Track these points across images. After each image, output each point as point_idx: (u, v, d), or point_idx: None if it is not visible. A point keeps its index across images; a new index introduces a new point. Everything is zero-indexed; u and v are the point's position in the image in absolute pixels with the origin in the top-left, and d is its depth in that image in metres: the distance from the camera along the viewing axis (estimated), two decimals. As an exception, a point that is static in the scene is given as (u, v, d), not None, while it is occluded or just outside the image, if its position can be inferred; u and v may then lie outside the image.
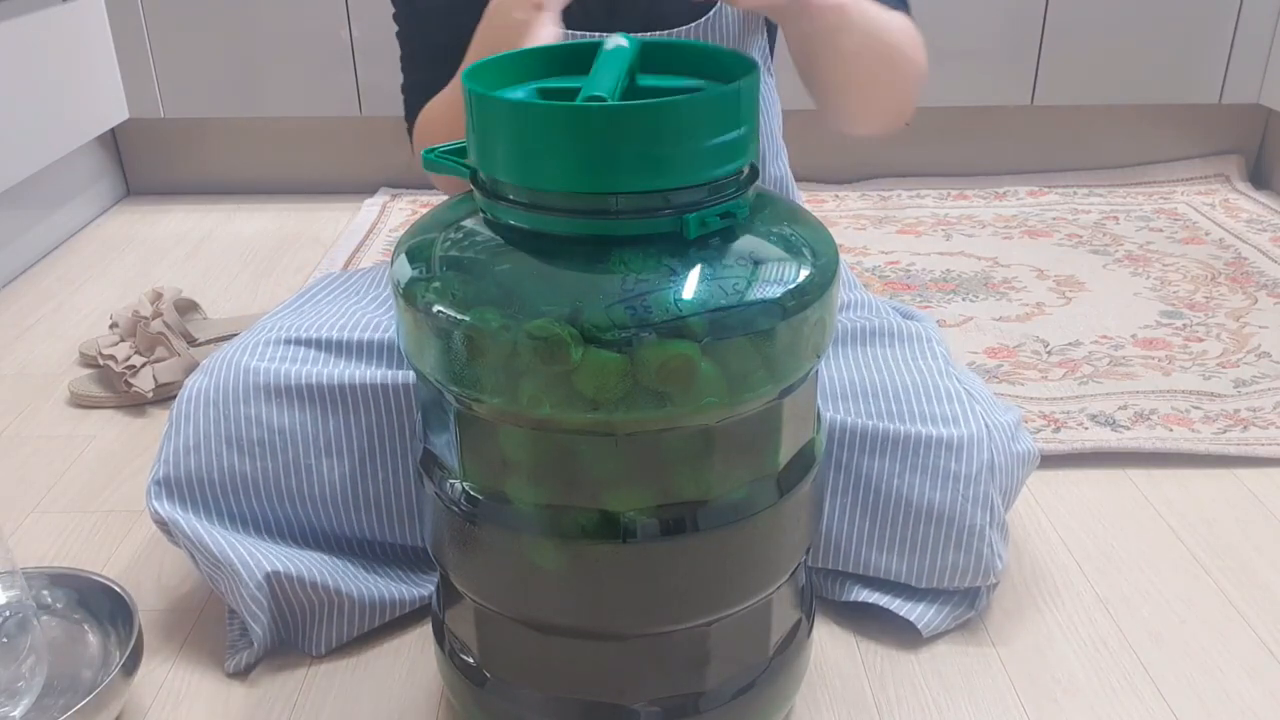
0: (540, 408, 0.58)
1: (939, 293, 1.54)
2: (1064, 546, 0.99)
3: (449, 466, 0.67)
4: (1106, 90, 1.92)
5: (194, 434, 0.83)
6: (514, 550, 0.65)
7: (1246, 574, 0.96)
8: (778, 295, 0.59)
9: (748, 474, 0.64)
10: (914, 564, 0.86)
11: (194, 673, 0.86)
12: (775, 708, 0.75)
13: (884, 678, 0.84)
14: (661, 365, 0.57)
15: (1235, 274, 1.58)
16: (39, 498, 1.10)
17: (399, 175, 2.03)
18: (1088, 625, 0.89)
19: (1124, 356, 1.34)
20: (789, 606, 0.73)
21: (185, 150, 2.04)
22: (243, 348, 0.86)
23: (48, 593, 0.85)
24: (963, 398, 0.87)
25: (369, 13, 1.84)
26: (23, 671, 0.77)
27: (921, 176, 2.03)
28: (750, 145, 0.61)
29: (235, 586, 0.82)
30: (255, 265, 1.71)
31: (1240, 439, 1.14)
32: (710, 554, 0.65)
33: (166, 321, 1.30)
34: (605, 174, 0.57)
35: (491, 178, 0.61)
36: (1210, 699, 0.82)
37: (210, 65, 1.90)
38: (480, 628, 0.71)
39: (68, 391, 1.29)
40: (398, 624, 0.90)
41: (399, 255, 0.64)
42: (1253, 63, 1.89)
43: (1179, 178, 1.99)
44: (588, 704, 0.70)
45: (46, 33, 1.69)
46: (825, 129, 0.96)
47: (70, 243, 1.82)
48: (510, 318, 0.57)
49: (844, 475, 0.86)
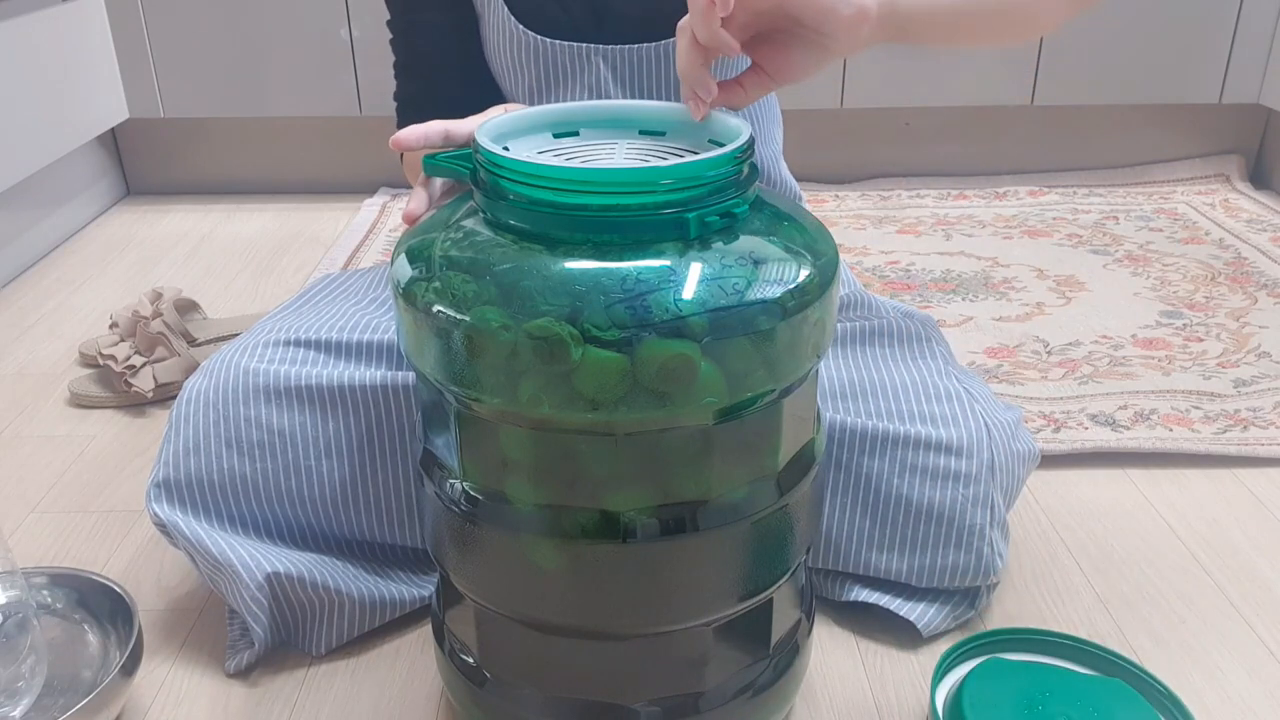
0: (540, 408, 0.58)
1: (939, 293, 1.54)
2: (1064, 546, 0.99)
3: (449, 466, 0.67)
4: (1106, 90, 1.92)
5: (193, 436, 0.83)
6: (514, 550, 0.65)
7: (1246, 574, 0.96)
8: (778, 295, 0.59)
9: (748, 474, 0.64)
10: (914, 563, 0.86)
11: (194, 673, 0.86)
12: (775, 708, 0.75)
13: (884, 678, 0.84)
14: (661, 365, 0.57)
15: (1235, 274, 1.58)
16: (39, 498, 1.10)
17: (399, 175, 2.02)
18: (1088, 625, 0.89)
19: (1124, 356, 1.34)
20: (789, 606, 0.73)
21: (185, 150, 2.04)
22: (242, 349, 0.86)
23: (48, 593, 0.85)
24: (963, 397, 0.87)
25: (369, 13, 1.84)
26: (23, 671, 0.77)
27: (921, 176, 2.03)
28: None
29: (236, 587, 0.82)
30: (255, 265, 1.71)
31: (1240, 439, 1.14)
32: (710, 554, 0.65)
33: (166, 321, 1.30)
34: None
35: (493, 181, 0.61)
36: (1210, 699, 0.82)
37: (210, 65, 1.90)
38: (480, 628, 0.71)
39: (68, 391, 1.30)
40: (398, 624, 0.90)
41: (399, 255, 0.64)
42: (1253, 63, 1.89)
43: (1179, 178, 1.99)
44: (588, 704, 0.70)
45: (46, 33, 1.69)
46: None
47: (70, 243, 1.82)
48: (510, 318, 0.57)
49: (844, 475, 0.86)
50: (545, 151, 0.67)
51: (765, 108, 1.00)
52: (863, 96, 1.91)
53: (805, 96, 1.87)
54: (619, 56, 0.91)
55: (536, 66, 0.92)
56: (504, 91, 0.97)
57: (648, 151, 0.67)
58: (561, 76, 0.93)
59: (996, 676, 0.78)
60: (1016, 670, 0.79)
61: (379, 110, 1.91)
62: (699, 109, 0.66)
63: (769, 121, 1.01)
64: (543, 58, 0.92)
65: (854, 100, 1.91)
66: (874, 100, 1.91)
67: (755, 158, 0.65)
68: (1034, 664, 0.80)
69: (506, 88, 0.96)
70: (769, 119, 1.01)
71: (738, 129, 0.64)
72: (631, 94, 0.93)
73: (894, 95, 1.91)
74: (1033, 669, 0.79)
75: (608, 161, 0.65)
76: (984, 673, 0.78)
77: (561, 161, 0.63)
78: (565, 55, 0.92)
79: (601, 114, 0.70)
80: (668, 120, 0.69)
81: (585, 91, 0.92)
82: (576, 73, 0.92)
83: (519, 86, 0.95)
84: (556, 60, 0.92)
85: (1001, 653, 0.82)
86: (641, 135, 0.69)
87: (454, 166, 0.66)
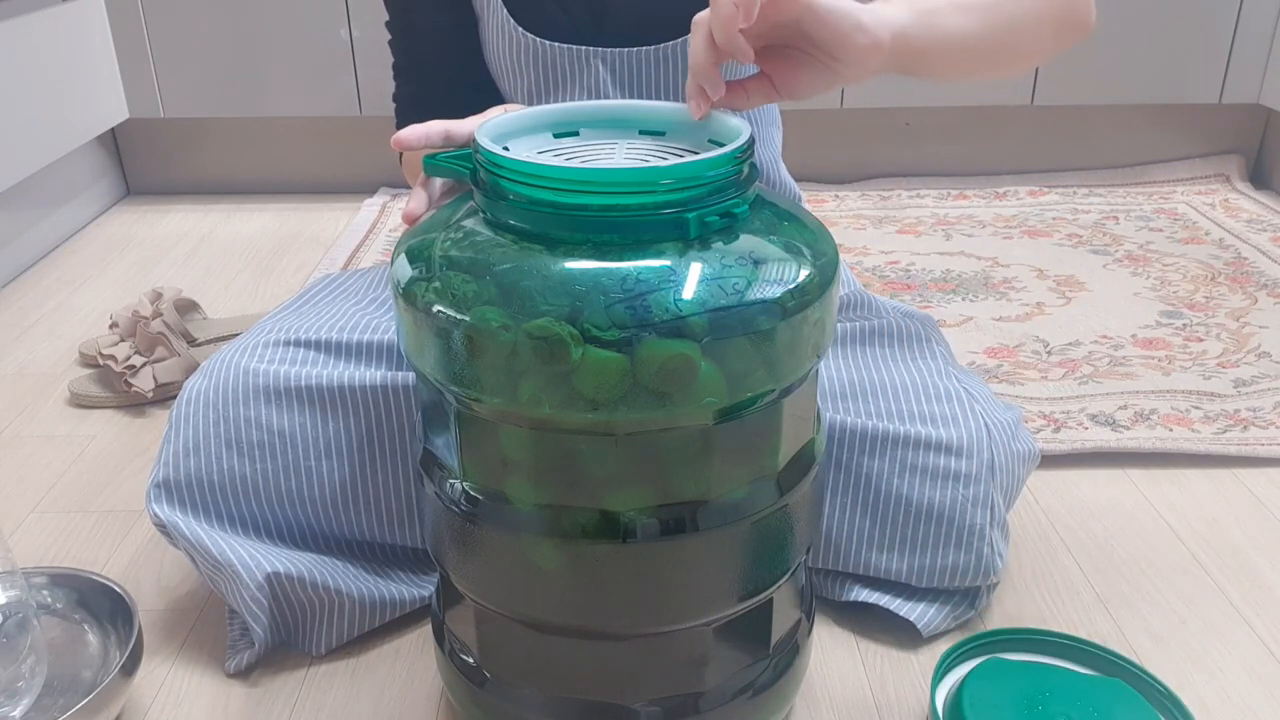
0: (540, 408, 0.58)
1: (939, 293, 1.54)
2: (1064, 546, 0.99)
3: (449, 466, 0.67)
4: (1106, 90, 1.92)
5: (193, 436, 0.83)
6: (514, 550, 0.65)
7: (1247, 574, 0.96)
8: (778, 295, 0.59)
9: (747, 474, 0.64)
10: (914, 564, 0.86)
11: (194, 673, 0.86)
12: (775, 708, 0.75)
13: (884, 678, 0.84)
14: (661, 365, 0.57)
15: (1235, 274, 1.58)
16: (39, 498, 1.10)
17: (399, 175, 2.02)
18: (1088, 625, 0.89)
19: (1124, 356, 1.34)
20: (789, 606, 0.73)
21: (185, 150, 2.04)
22: (241, 350, 0.86)
23: (48, 593, 0.85)
24: (962, 398, 0.87)
25: (369, 13, 1.84)
26: (23, 671, 0.77)
27: (921, 176, 2.03)
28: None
29: (236, 588, 0.82)
30: (255, 265, 1.71)
31: (1240, 439, 1.14)
32: (710, 554, 0.65)
33: (166, 321, 1.30)
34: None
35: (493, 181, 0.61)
36: (1210, 699, 0.82)
37: (210, 65, 1.90)
38: (480, 628, 0.71)
39: (68, 391, 1.30)
40: (398, 624, 0.90)
41: (399, 255, 0.64)
42: (1253, 63, 1.89)
43: (1179, 178, 1.99)
44: (588, 704, 0.70)
45: (46, 33, 1.69)
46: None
47: (70, 243, 1.82)
48: (510, 318, 0.57)
49: (844, 475, 0.86)
50: (545, 151, 0.67)
51: (764, 110, 1.00)
52: (863, 96, 1.91)
53: (805, 96, 1.87)
54: (618, 59, 0.91)
55: (535, 69, 0.92)
56: (503, 93, 0.97)
57: (648, 152, 0.67)
58: (560, 79, 0.93)
59: (996, 676, 0.78)
60: (1016, 670, 0.79)
61: (379, 110, 1.91)
62: (701, 107, 0.66)
63: (768, 124, 1.01)
64: (542, 60, 0.92)
65: (854, 100, 1.91)
66: (874, 100, 1.91)
67: (755, 159, 0.65)
68: (1034, 664, 0.80)
69: (505, 89, 0.96)
70: (768, 122, 1.01)
71: (738, 129, 0.64)
72: (630, 96, 0.93)
73: (894, 95, 1.91)
74: (1033, 669, 0.79)
75: (608, 161, 0.65)
76: (984, 673, 0.78)
77: (561, 161, 0.63)
78: (564, 58, 0.92)
79: (601, 114, 0.70)
80: (667, 120, 0.69)
81: (584, 93, 0.93)
82: (575, 75, 0.92)
83: (518, 88, 0.95)
84: (555, 62, 0.92)
85: (1001, 653, 0.82)
86: (641, 135, 0.69)
87: (454, 166, 0.66)
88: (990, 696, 0.76)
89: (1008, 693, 0.76)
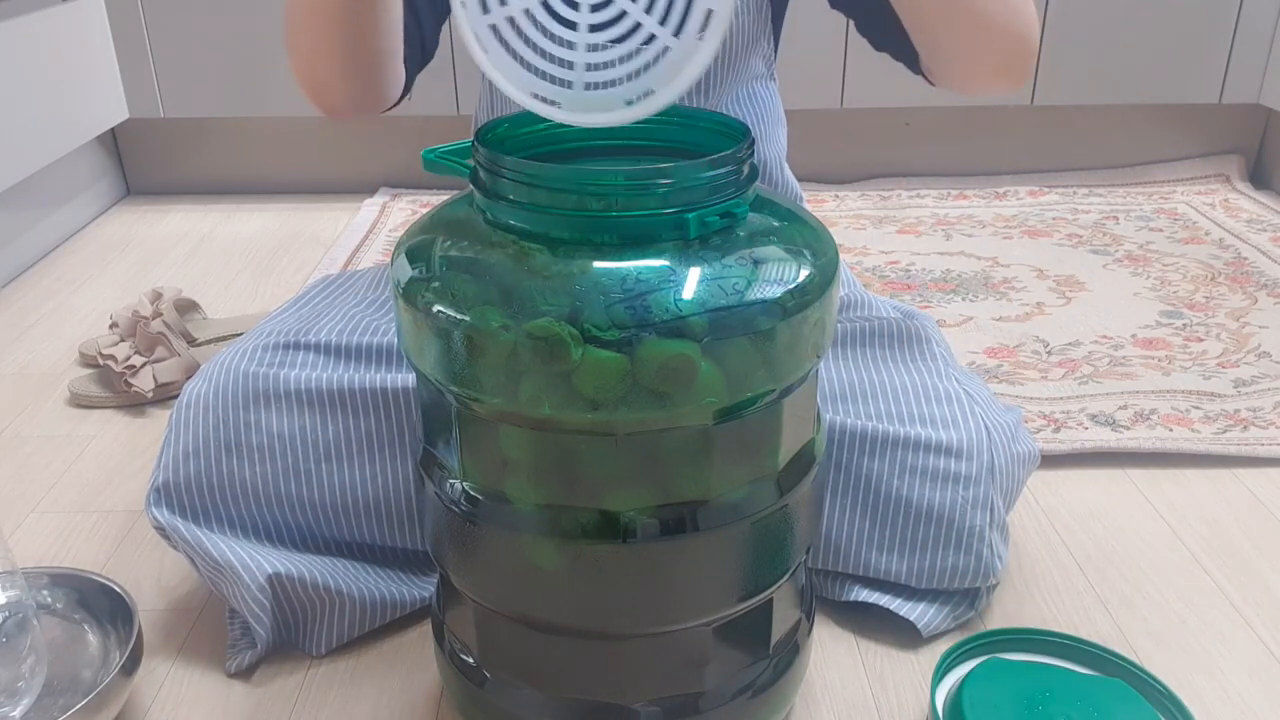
0: (540, 408, 0.58)
1: (939, 293, 1.54)
2: (1064, 546, 0.99)
3: (449, 467, 0.67)
4: (1106, 90, 1.92)
5: (193, 440, 0.83)
6: (514, 550, 0.65)
7: (1247, 574, 0.96)
8: (778, 295, 0.59)
9: (747, 474, 0.64)
10: (914, 565, 0.86)
11: (194, 673, 0.86)
12: (775, 708, 0.75)
13: (884, 678, 0.84)
14: (661, 365, 0.57)
15: (1235, 274, 1.58)
16: (39, 498, 1.10)
17: (399, 175, 2.03)
18: (1088, 625, 0.89)
19: (1124, 356, 1.34)
20: (789, 606, 0.73)
21: (185, 150, 2.04)
22: (240, 353, 0.86)
23: (48, 593, 0.85)
24: (962, 399, 0.87)
25: (369, 13, 1.84)
26: (23, 671, 0.77)
27: (921, 176, 2.03)
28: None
29: (238, 589, 0.82)
30: (255, 265, 1.71)
31: (1240, 439, 1.14)
32: (710, 554, 0.65)
33: (166, 321, 1.30)
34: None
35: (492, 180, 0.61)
36: (1210, 699, 0.82)
37: (210, 65, 1.90)
38: (480, 628, 0.71)
39: (68, 391, 1.29)
40: (398, 624, 0.90)
41: (399, 255, 0.64)
42: (1253, 63, 1.89)
43: (1179, 178, 1.99)
44: (588, 704, 0.70)
45: (46, 33, 1.69)
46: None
47: (70, 243, 1.82)
48: (510, 318, 0.57)
49: (844, 476, 0.86)
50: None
51: (769, 108, 1.00)
52: (863, 96, 1.91)
53: (806, 96, 1.87)
54: None
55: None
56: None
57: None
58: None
59: (996, 676, 0.78)
60: (1016, 670, 0.79)
61: (379, 110, 1.91)
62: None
63: (773, 122, 1.01)
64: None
65: (854, 100, 1.91)
66: (874, 100, 1.91)
67: (758, 158, 0.65)
68: (1034, 664, 0.80)
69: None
70: (773, 120, 1.01)
71: (738, 129, 0.64)
72: None
73: (894, 95, 1.91)
74: (1033, 669, 0.79)
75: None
76: (984, 673, 0.78)
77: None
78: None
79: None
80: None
81: None
82: None
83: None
84: None
85: (1001, 653, 0.82)
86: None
87: (454, 165, 0.66)
88: (990, 696, 0.76)
89: (1008, 693, 0.76)
